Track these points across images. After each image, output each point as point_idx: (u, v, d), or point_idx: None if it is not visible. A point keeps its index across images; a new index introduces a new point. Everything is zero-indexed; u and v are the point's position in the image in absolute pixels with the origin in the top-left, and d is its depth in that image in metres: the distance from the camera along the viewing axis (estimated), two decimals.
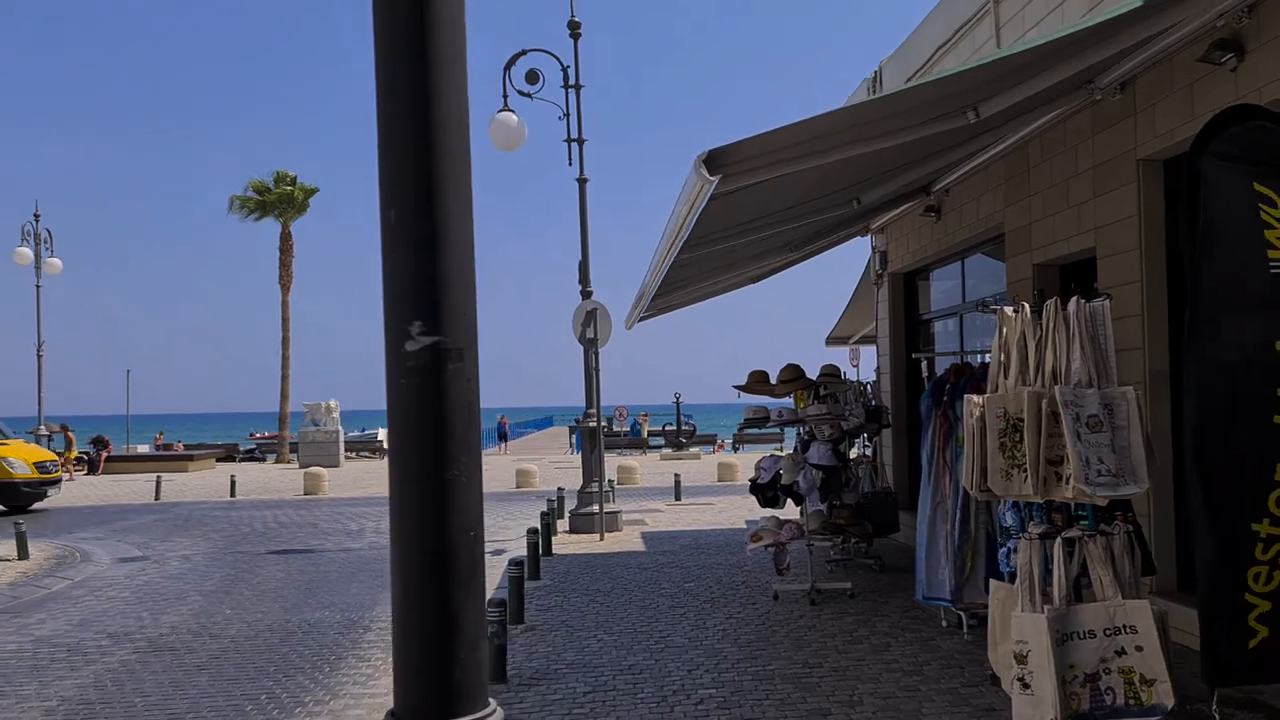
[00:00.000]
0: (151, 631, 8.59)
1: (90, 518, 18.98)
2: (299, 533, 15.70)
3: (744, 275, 11.70)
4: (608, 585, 9.72)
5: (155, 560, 13.02)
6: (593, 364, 13.80)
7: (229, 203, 42.94)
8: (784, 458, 8.76)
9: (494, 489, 23.93)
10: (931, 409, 6.97)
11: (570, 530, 14.12)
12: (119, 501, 22.63)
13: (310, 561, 12.58)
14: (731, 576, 10.00)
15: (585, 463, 14.38)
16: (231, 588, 10.74)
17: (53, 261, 33.27)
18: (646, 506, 17.90)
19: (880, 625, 7.52)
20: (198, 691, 6.63)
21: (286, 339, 42.72)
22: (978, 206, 9.61)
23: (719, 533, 13.72)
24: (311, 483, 23.99)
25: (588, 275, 14.32)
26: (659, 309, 12.02)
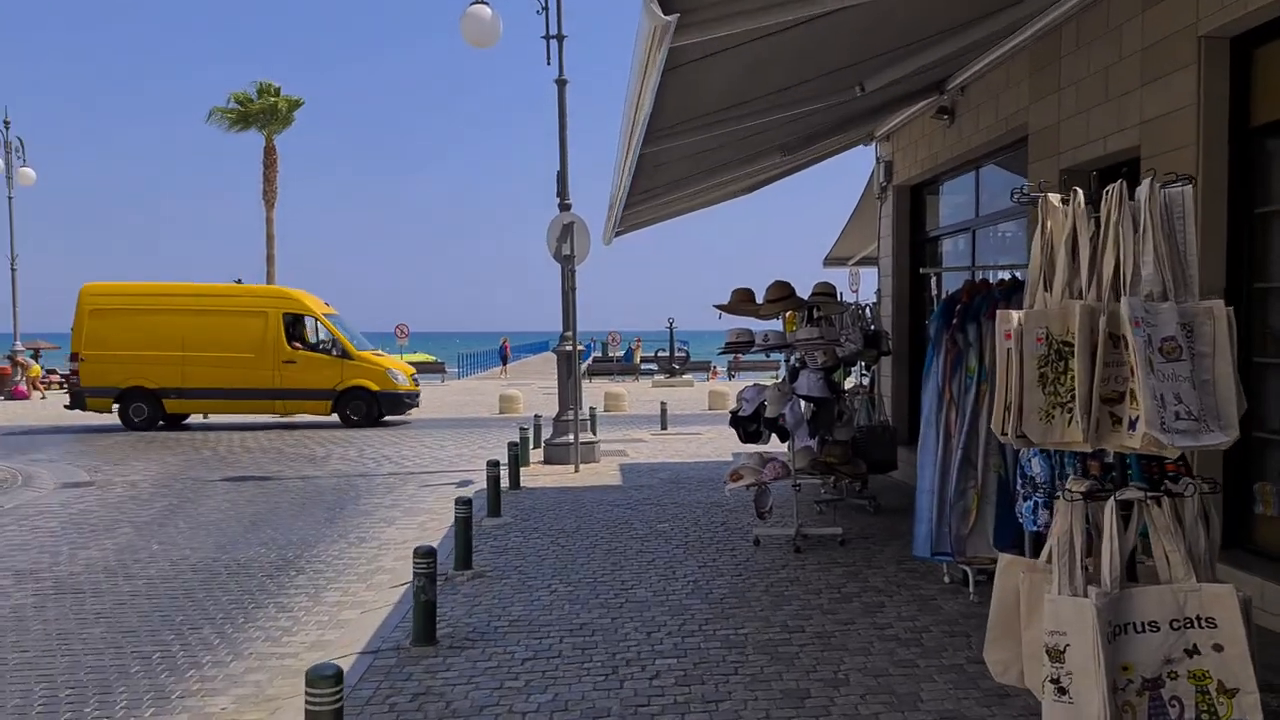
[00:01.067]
0: (63, 569, 7.71)
1: (49, 438, 18.12)
2: (261, 458, 14.83)
3: (734, 183, 10.59)
4: (573, 524, 8.83)
5: (99, 486, 12.15)
6: (569, 283, 12.74)
7: (209, 113, 41.33)
8: (769, 387, 7.78)
9: (476, 414, 23.06)
10: (940, 331, 5.96)
11: (545, 461, 13.23)
12: (85, 421, 21.76)
13: (263, 490, 11.70)
14: (710, 517, 9.11)
15: (561, 389, 13.43)
16: (169, 518, 9.86)
17: (25, 171, 31.93)
18: (630, 436, 17.02)
19: (873, 579, 6.62)
20: (85, 647, 5.75)
21: (271, 256, 41.47)
22: (997, 105, 8.47)
23: (702, 466, 12.84)
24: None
25: (566, 187, 13.18)
26: (638, 220, 10.94)
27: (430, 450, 15.65)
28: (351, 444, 16.58)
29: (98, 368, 19.17)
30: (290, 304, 19.83)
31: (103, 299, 19.42)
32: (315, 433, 18.63)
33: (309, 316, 20.14)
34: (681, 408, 23.45)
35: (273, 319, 19.57)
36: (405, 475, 12.85)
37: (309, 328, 20.38)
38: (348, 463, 14.20)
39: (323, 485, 12.08)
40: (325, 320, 20.02)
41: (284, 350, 19.42)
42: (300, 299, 20.22)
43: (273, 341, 19.49)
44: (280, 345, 19.49)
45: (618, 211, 9.18)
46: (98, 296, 19.46)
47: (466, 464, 13.95)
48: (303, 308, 20.06)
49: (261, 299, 20.08)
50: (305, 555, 8.20)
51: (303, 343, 20.06)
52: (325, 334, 20.31)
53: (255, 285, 20.84)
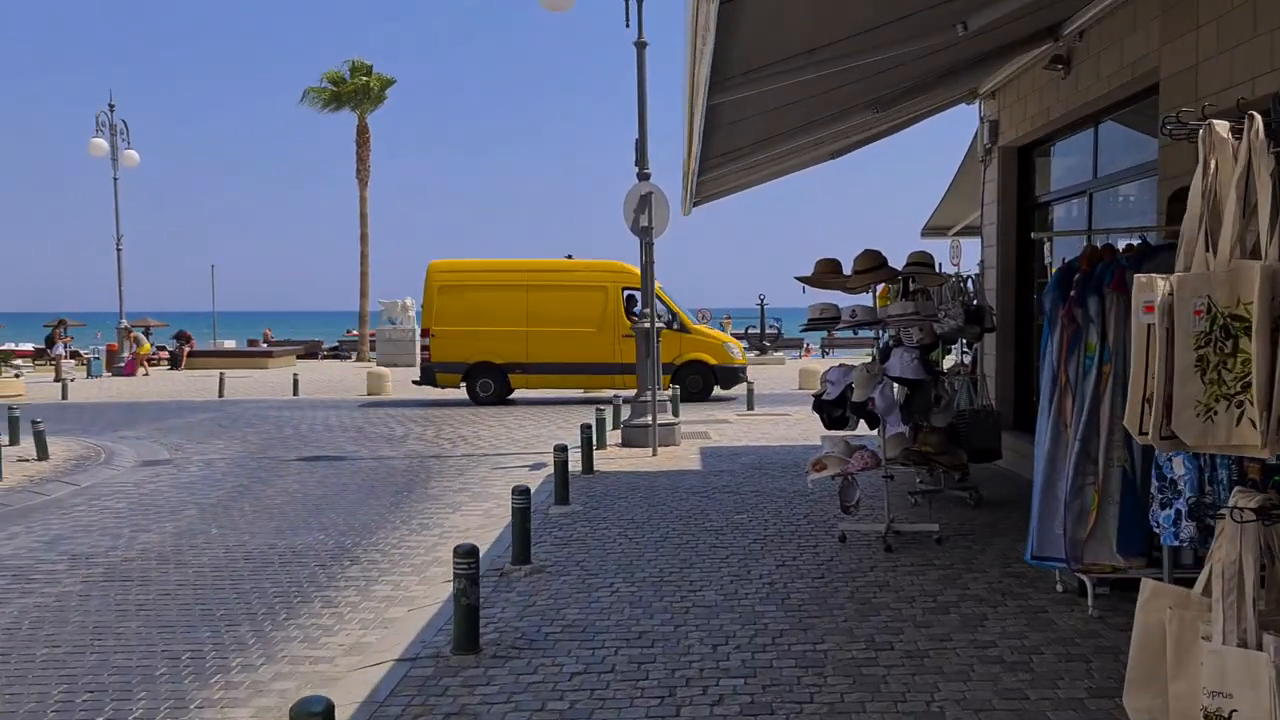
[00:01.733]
0: (119, 554, 7.48)
1: (143, 414, 18.39)
2: (340, 437, 14.67)
3: (820, 145, 9.79)
4: (644, 514, 8.26)
5: (177, 465, 12.10)
6: (647, 257, 12.12)
7: (302, 95, 41.85)
8: (857, 368, 7.04)
9: (561, 393, 22.70)
10: (1055, 306, 5.15)
11: (622, 443, 12.69)
12: (182, 398, 22.17)
13: (335, 470, 11.46)
14: (793, 508, 8.43)
15: (640, 369, 12.85)
16: (235, 500, 9.64)
17: (129, 154, 32.75)
18: (713, 417, 16.37)
19: (974, 586, 5.87)
20: (117, 643, 5.43)
21: (365, 235, 41.91)
22: (1121, 50, 7.51)
23: (788, 451, 12.12)
24: (374, 383, 23.13)
25: (645, 155, 12.53)
26: (717, 189, 10.23)
27: (508, 430, 15.28)
28: (430, 424, 16.34)
29: (447, 343, 19.25)
30: (628, 278, 19.23)
31: (450, 275, 19.43)
32: (398, 411, 18.49)
33: None
34: (770, 387, 22.69)
35: (612, 293, 19.39)
36: (479, 457, 12.47)
37: None
38: (424, 443, 13.91)
39: (395, 467, 11.78)
40: (664, 294, 19.44)
41: (624, 324, 19.06)
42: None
43: (613, 316, 19.30)
44: (620, 319, 19.24)
45: (693, 178, 8.50)
46: (445, 273, 19.48)
47: (543, 445, 13.51)
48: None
49: (601, 274, 19.76)
50: (363, 543, 7.82)
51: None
52: (661, 308, 19.79)
53: (593, 260, 20.53)
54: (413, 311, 36.68)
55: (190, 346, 36.16)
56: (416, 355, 36.50)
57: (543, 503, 8.84)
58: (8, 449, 12.90)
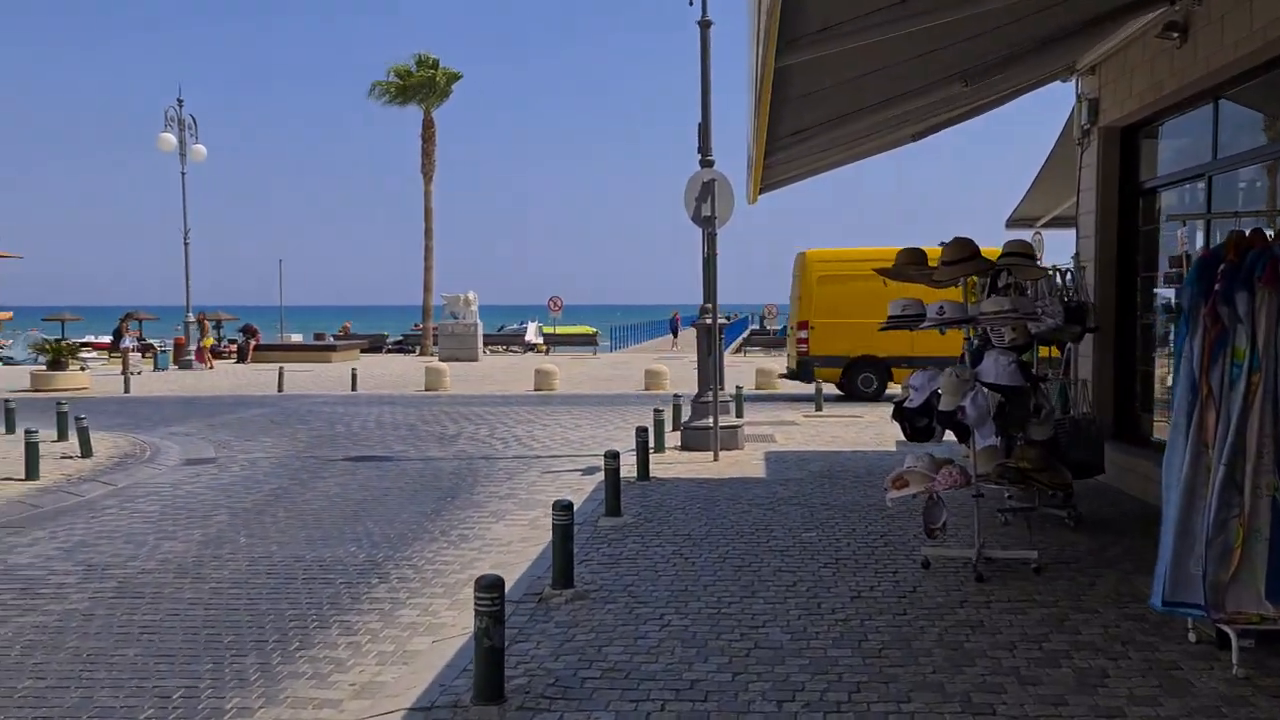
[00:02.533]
0: (137, 565, 6.99)
1: (200, 409, 18.19)
2: (391, 435, 14.19)
3: (900, 124, 8.92)
4: (703, 529, 7.52)
5: (220, 464, 11.69)
6: (710, 249, 11.35)
7: (369, 89, 41.84)
8: (944, 373, 6.20)
9: (621, 390, 22.04)
10: (1195, 303, 4.29)
11: (681, 446, 11.96)
12: (241, 392, 22.03)
13: (380, 472, 10.93)
14: (868, 525, 7.61)
15: (701, 367, 12.10)
16: (271, 505, 9.14)
17: (198, 148, 32.85)
18: (780, 418, 15.54)
19: (1086, 630, 5.02)
20: (107, 676, 4.87)
21: (429, 229, 41.78)
22: (1250, 12, 6.55)
23: (861, 457, 11.26)
24: (433, 379, 22.74)
25: (708, 140, 11.76)
26: (786, 173, 9.42)
27: (563, 430, 14.65)
28: (484, 422, 15.79)
29: (826, 336, 18.57)
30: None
31: (829, 265, 18.69)
32: (453, 408, 18.00)
33: None
34: None
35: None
36: (530, 459, 11.85)
37: None
38: (475, 443, 13.34)
39: (442, 469, 11.21)
40: None
41: None
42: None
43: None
44: None
45: (759, 161, 7.72)
46: (824, 263, 18.74)
47: (598, 447, 12.83)
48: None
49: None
50: (396, 556, 7.22)
51: None
52: None
53: None
54: (474, 306, 36.41)
55: (256, 340, 36.33)
56: (479, 350, 36.41)
57: (592, 513, 8.17)
58: (55, 445, 12.66)
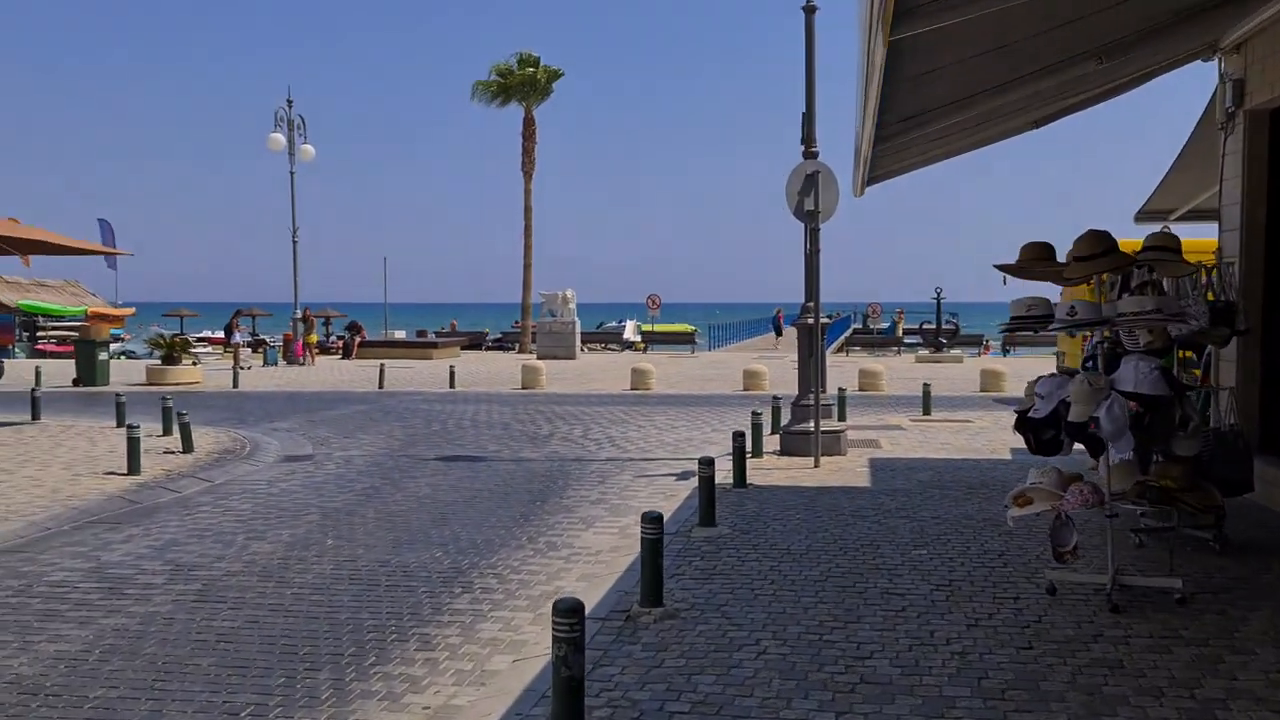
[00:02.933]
0: (223, 567, 6.89)
1: (303, 404, 18.47)
2: (485, 434, 14.06)
3: (1022, 110, 8.26)
4: (803, 543, 7.05)
5: (316, 461, 11.71)
6: (813, 245, 10.83)
7: (472, 90, 42.29)
8: (1075, 380, 5.59)
9: (718, 390, 21.59)
10: None
11: (780, 451, 11.46)
12: (344, 388, 22.36)
13: (471, 473, 10.75)
14: (984, 542, 7.03)
15: (802, 369, 11.58)
16: (361, 505, 9.03)
17: (306, 148, 33.60)
18: (885, 421, 14.87)
19: (1244, 675, 4.40)
20: (179, 688, 4.70)
21: (529, 227, 42.04)
22: None
23: (973, 466, 10.58)
24: (529, 376, 22.68)
25: (813, 130, 11.24)
26: (898, 163, 8.85)
27: (658, 432, 14.30)
28: (578, 422, 15.55)
29: None
30: None
31: None
32: (548, 407, 17.84)
33: None
34: (948, 388, 20.85)
35: None
36: (623, 462, 11.52)
37: None
38: (569, 443, 13.10)
39: (534, 470, 10.97)
40: None
41: None
42: None
43: None
44: None
45: (868, 149, 7.22)
46: None
47: (694, 449, 12.45)
48: None
49: None
50: (481, 564, 6.96)
51: None
52: None
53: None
54: (573, 304, 36.41)
55: (361, 337, 37.09)
56: (576, 348, 36.39)
57: (686, 522, 7.78)
58: (160, 440, 12.89)
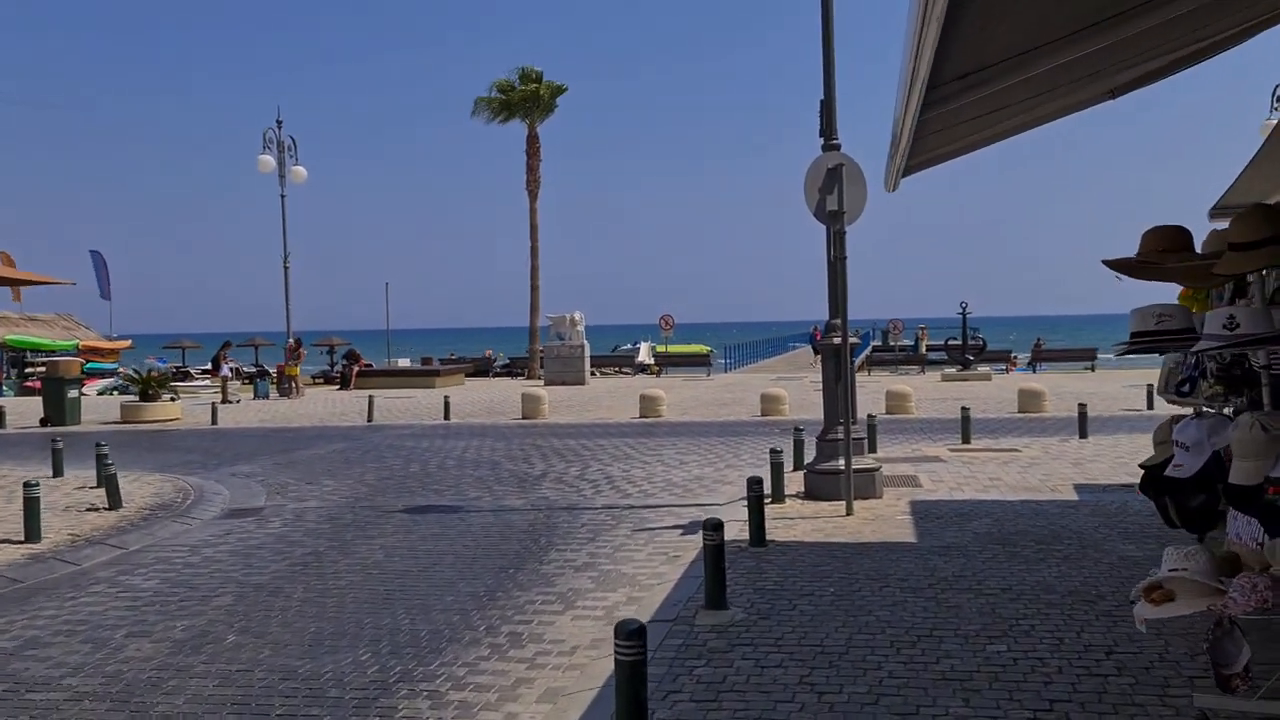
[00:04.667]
0: (70, 686, 5.24)
1: (279, 443, 16.88)
2: (468, 475, 12.40)
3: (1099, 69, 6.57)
4: (841, 635, 5.34)
5: (264, 516, 10.08)
6: (837, 250, 9.13)
7: (473, 106, 40.88)
8: (1239, 422, 3.89)
9: (735, 415, 19.88)
10: None
11: (804, 494, 9.75)
12: (331, 423, 20.78)
13: (440, 528, 9.09)
14: (1081, 629, 5.29)
15: (828, 397, 9.87)
16: (291, 581, 7.37)
17: (298, 170, 32.21)
18: (921, 452, 13.13)
19: None
20: None
21: (535, 248, 40.53)
22: None
23: (1036, 511, 8.82)
24: (530, 406, 21.03)
25: (833, 119, 9.59)
26: (944, 143, 7.16)
27: (665, 469, 12.60)
28: (577, 458, 13.87)
29: None
30: None
31: None
32: (547, 441, 16.18)
33: None
34: (983, 409, 19.07)
35: None
36: (621, 511, 9.83)
37: None
38: (562, 486, 11.42)
39: (515, 523, 9.30)
40: None
41: None
42: None
43: None
44: None
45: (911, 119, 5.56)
46: None
47: (705, 492, 10.75)
48: None
49: None
50: (416, 672, 5.28)
51: None
52: None
53: None
54: (581, 326, 34.82)
55: (360, 366, 35.58)
56: (585, 372, 34.72)
57: (690, 603, 6.10)
58: (91, 492, 11.28)
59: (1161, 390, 9.31)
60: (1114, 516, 8.43)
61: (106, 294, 45.28)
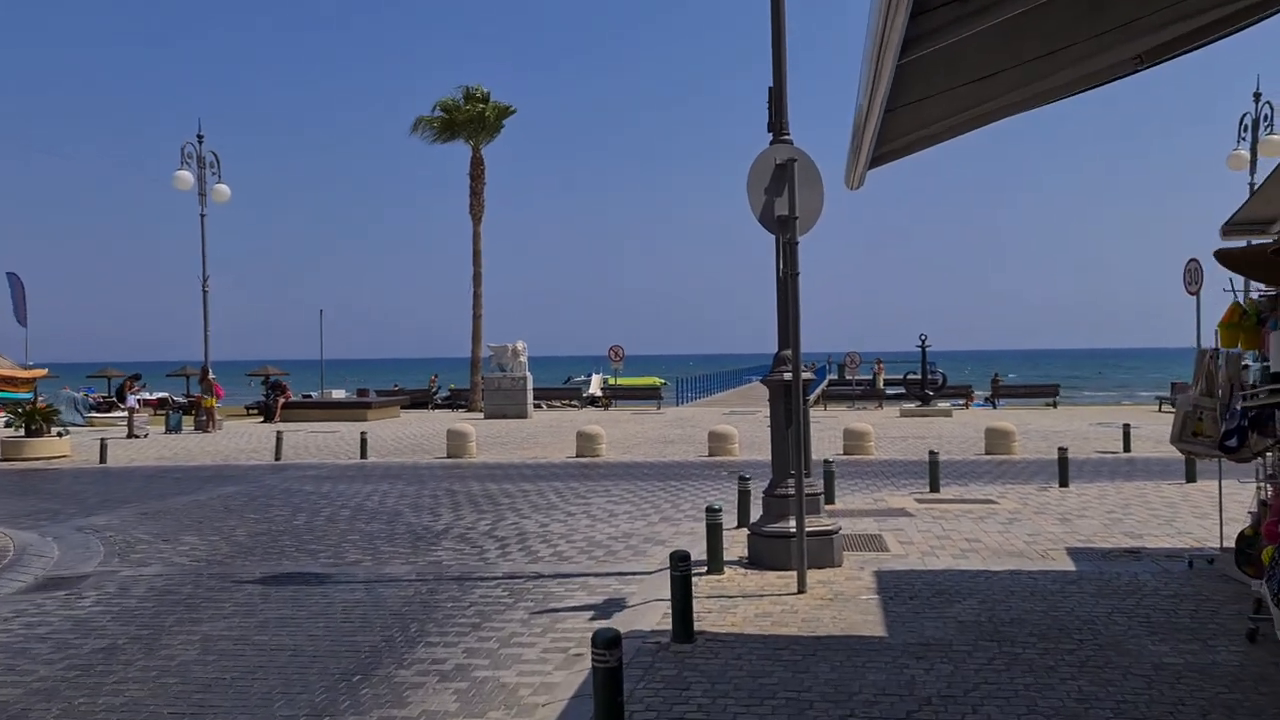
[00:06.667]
0: None
1: (158, 487, 14.84)
2: (357, 531, 10.52)
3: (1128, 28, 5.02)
4: None
5: (83, 588, 8.14)
6: (788, 265, 7.44)
7: (414, 124, 39.06)
8: None
9: (681, 456, 18.16)
10: None
11: (748, 560, 8.03)
12: (234, 461, 18.73)
13: (291, 608, 7.22)
14: None
15: (777, 443, 8.18)
16: (51, 698, 5.47)
17: (220, 188, 30.11)
18: (885, 502, 11.47)
19: None
20: None
21: (478, 275, 38.70)
22: None
23: (1031, 586, 7.15)
24: (455, 444, 19.14)
25: (783, 108, 7.97)
26: (916, 128, 5.54)
27: (592, 522, 10.82)
28: (492, 507, 12.03)
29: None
30: None
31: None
32: (465, 485, 14.31)
33: None
34: (947, 450, 17.56)
35: None
36: (524, 582, 8.02)
37: None
38: (462, 546, 9.59)
39: (388, 600, 7.45)
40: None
41: None
42: None
43: None
44: None
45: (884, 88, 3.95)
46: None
47: (631, 556, 8.99)
48: None
49: None
50: None
51: None
52: None
53: None
54: (524, 357, 33.01)
55: (286, 397, 33.38)
56: (528, 406, 32.80)
57: None
58: None
59: (1176, 439, 7.77)
60: (1126, 597, 6.80)
61: (23, 319, 42.54)
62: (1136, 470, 14.92)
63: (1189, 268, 17.88)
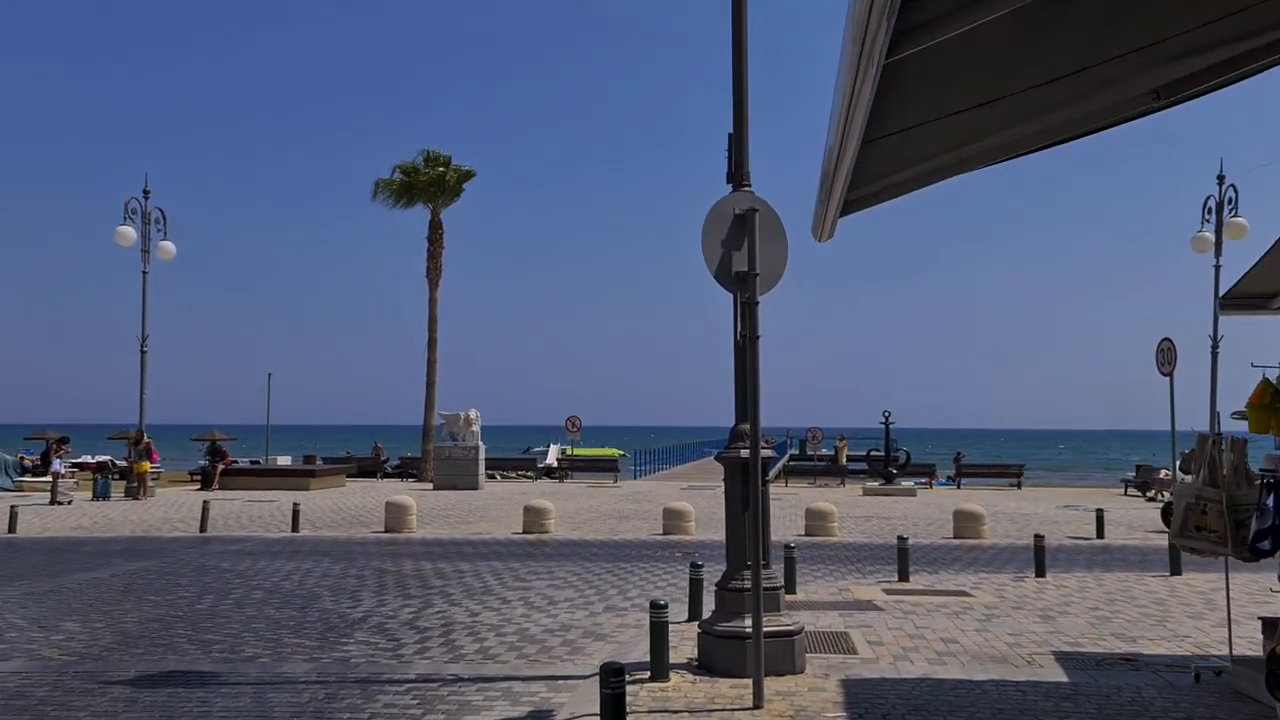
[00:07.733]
0: None
1: (61, 561, 13.53)
2: (263, 617, 9.35)
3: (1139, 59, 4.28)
4: None
5: None
6: (747, 326, 6.58)
7: (374, 188, 38.33)
8: None
9: (634, 534, 17.08)
10: None
11: (697, 665, 7.00)
12: (154, 533, 17.37)
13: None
14: None
15: (732, 529, 7.22)
16: None
17: (165, 245, 28.94)
18: (851, 593, 10.51)
19: None
20: None
21: (433, 340, 37.68)
22: None
23: (1019, 700, 6.19)
24: (393, 517, 17.94)
25: (744, 153, 7.20)
26: (896, 166, 4.75)
27: (529, 611, 9.74)
28: (424, 591, 10.89)
29: None
30: None
31: None
32: (398, 563, 13.15)
33: None
34: (913, 531, 16.66)
35: None
36: (441, 687, 6.92)
37: None
38: (378, 639, 8.47)
39: (273, 710, 6.33)
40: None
41: None
42: None
43: None
44: None
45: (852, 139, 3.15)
46: None
47: (567, 654, 7.92)
48: None
49: None
50: None
51: None
52: None
53: None
54: (476, 426, 31.81)
55: (226, 463, 31.86)
56: (480, 477, 31.52)
57: None
58: None
59: (1177, 534, 6.94)
60: (1132, 717, 5.87)
61: None
62: (1114, 559, 14.11)
63: (1162, 347, 17.33)
